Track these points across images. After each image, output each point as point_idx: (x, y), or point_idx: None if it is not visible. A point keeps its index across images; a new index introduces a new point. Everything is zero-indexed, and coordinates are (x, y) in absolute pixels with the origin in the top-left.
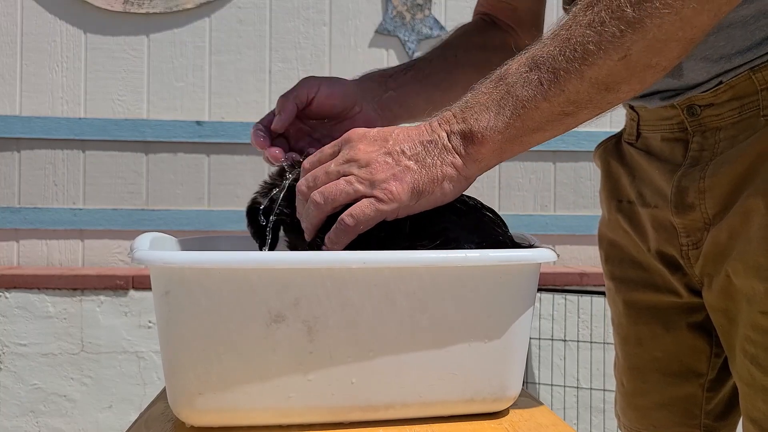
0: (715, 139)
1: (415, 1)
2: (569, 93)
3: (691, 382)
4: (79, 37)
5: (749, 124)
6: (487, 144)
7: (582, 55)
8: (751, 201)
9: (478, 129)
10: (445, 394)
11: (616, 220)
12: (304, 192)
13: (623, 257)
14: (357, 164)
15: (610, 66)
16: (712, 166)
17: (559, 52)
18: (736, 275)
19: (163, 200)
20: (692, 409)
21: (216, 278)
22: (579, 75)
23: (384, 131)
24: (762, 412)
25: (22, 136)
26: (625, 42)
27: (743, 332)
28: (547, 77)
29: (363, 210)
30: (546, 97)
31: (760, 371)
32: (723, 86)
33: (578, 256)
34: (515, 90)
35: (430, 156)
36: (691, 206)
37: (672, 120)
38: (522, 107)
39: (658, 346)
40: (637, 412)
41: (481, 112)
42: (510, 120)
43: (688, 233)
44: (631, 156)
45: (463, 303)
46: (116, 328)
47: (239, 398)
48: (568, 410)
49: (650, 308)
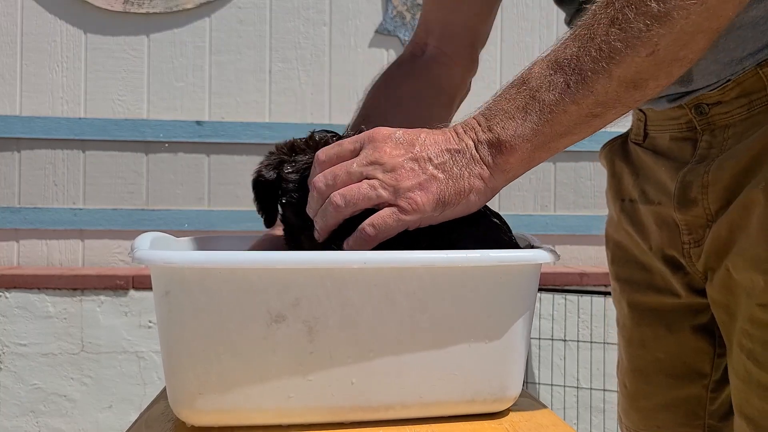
0: (724, 137)
1: (415, 1)
2: (598, 93)
3: (694, 383)
4: (79, 37)
5: (757, 120)
6: (515, 153)
7: (609, 53)
8: (751, 194)
9: (506, 138)
10: (445, 395)
11: (620, 221)
12: (321, 189)
13: (628, 258)
14: (382, 168)
15: (638, 63)
16: (717, 162)
17: (584, 53)
18: (735, 269)
19: (163, 200)
20: (696, 409)
21: (216, 278)
22: (607, 74)
23: (410, 134)
24: (757, 408)
25: (22, 136)
26: (653, 37)
27: (741, 326)
28: (574, 79)
29: (385, 220)
30: (574, 100)
31: (756, 366)
32: (730, 83)
33: (578, 256)
34: (540, 95)
35: (458, 166)
36: (693, 201)
37: (680, 120)
38: (550, 112)
39: (661, 348)
40: (640, 414)
41: (506, 119)
42: (538, 126)
43: (690, 230)
44: (637, 155)
45: (464, 303)
46: (116, 328)
47: (239, 398)
48: (568, 410)
49: (653, 310)
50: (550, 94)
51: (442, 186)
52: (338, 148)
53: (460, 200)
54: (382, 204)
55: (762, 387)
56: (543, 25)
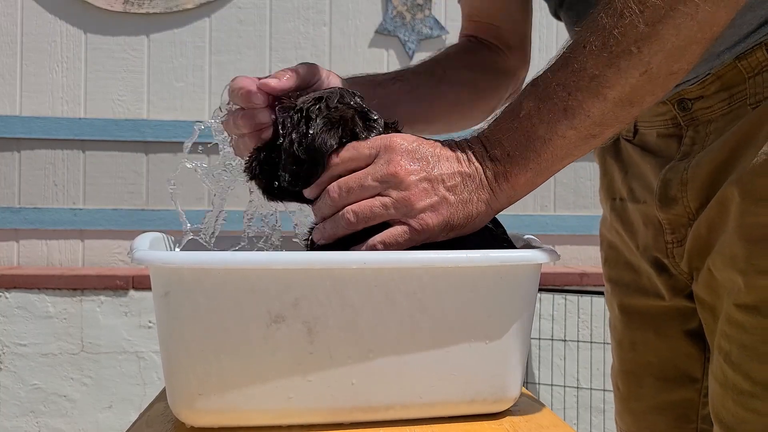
0: (706, 132)
1: (415, 1)
2: (595, 116)
3: (686, 387)
4: (79, 37)
5: (737, 114)
6: (519, 180)
7: (601, 80)
8: (727, 191)
9: (511, 166)
10: (445, 395)
11: (611, 221)
12: (335, 199)
13: (619, 259)
14: (396, 186)
15: (632, 83)
16: (696, 158)
17: (578, 78)
18: (716, 268)
19: (163, 200)
20: (688, 413)
21: (216, 278)
22: (602, 98)
23: (424, 149)
24: (732, 413)
25: (22, 136)
26: (644, 57)
27: (720, 327)
28: (571, 104)
29: (396, 239)
30: (572, 125)
31: (731, 369)
32: (710, 77)
33: (578, 256)
34: (541, 121)
35: (468, 190)
36: (674, 199)
37: (665, 115)
38: (549, 139)
39: (651, 352)
40: (632, 416)
41: (511, 147)
42: (540, 152)
43: (673, 229)
44: (627, 152)
45: (464, 303)
46: (116, 328)
47: (239, 399)
48: (568, 410)
49: (642, 314)
50: (550, 121)
51: (452, 209)
52: (354, 152)
53: (466, 223)
54: (393, 221)
55: (737, 391)
56: (543, 25)
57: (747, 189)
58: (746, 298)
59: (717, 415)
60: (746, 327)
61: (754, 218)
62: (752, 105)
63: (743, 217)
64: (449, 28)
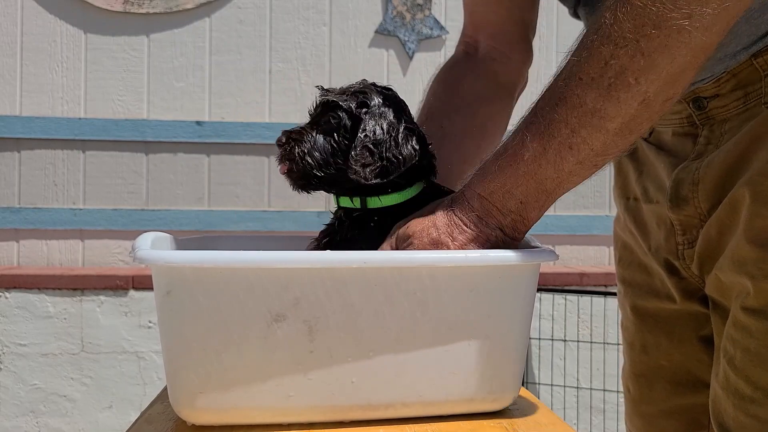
0: (721, 131)
1: (415, 1)
2: (597, 149)
3: (699, 393)
4: (79, 37)
5: (753, 113)
6: (533, 216)
7: (602, 114)
8: (738, 192)
9: (526, 212)
10: (444, 394)
11: (625, 221)
12: None
13: (632, 260)
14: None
15: (632, 113)
16: (708, 158)
17: (579, 114)
18: (724, 272)
19: (163, 200)
20: (700, 418)
21: (217, 278)
22: (605, 131)
23: (442, 237)
24: (732, 417)
25: (22, 136)
26: (641, 87)
27: (727, 331)
28: (576, 141)
29: None
30: (579, 160)
31: (734, 373)
32: (725, 75)
33: (578, 256)
34: (548, 162)
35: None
36: (685, 200)
37: (681, 114)
38: (558, 177)
39: (663, 355)
40: (642, 420)
41: (523, 195)
42: (551, 192)
43: (684, 230)
44: (642, 151)
45: (463, 303)
46: (116, 328)
47: (240, 397)
48: (568, 410)
49: (654, 316)
50: (555, 162)
51: None
52: None
53: None
54: None
55: (738, 395)
56: (543, 25)
57: (757, 190)
58: (754, 302)
59: (717, 419)
60: (752, 331)
61: (764, 221)
62: (767, 104)
63: (753, 219)
64: (449, 28)
